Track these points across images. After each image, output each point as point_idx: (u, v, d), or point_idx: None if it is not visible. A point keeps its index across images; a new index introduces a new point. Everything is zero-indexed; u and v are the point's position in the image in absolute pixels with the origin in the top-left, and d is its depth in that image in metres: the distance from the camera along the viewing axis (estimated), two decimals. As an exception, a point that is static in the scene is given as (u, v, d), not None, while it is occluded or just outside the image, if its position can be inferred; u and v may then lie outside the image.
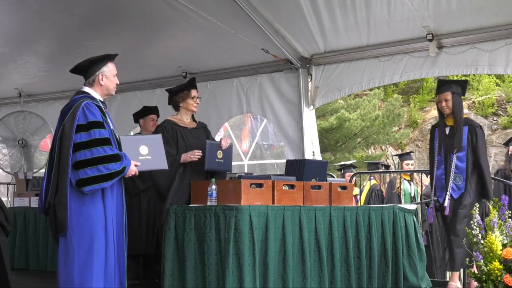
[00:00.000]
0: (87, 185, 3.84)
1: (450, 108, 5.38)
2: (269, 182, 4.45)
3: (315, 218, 4.56)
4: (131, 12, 6.76)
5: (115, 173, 3.93)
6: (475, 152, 5.38)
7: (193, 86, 5.15)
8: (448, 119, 5.46)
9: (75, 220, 3.86)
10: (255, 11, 6.59)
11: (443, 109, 5.41)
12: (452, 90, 5.38)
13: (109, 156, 3.92)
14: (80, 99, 4.04)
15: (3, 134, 8.97)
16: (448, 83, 5.49)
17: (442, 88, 5.43)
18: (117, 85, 4.27)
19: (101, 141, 3.92)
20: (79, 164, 3.87)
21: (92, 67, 4.14)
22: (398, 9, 6.20)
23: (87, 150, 3.88)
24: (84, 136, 3.91)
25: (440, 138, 5.50)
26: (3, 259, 4.38)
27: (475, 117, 24.30)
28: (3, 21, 7.21)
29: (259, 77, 7.72)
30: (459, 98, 5.41)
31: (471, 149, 5.37)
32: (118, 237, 4.04)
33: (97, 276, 3.84)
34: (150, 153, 4.23)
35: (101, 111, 4.06)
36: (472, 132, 5.35)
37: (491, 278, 4.37)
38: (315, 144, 7.52)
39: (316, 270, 4.52)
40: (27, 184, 7.73)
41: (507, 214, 4.53)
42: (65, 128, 3.95)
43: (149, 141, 4.29)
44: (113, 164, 3.92)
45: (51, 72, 8.54)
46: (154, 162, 4.25)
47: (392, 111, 20.90)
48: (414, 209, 5.57)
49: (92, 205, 3.89)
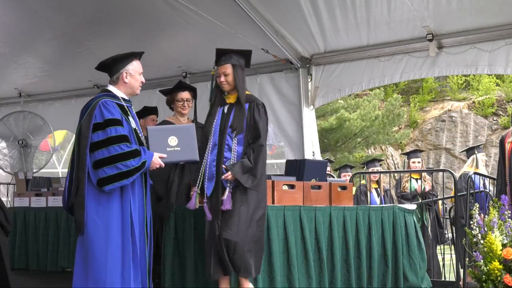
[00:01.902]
0: (107, 184, 3.81)
1: (231, 83, 4.39)
2: (269, 182, 4.44)
3: (315, 218, 4.56)
4: (131, 12, 6.76)
5: (134, 169, 3.86)
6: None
7: (179, 88, 5.17)
8: (229, 96, 4.45)
9: (91, 220, 3.82)
10: (255, 11, 6.59)
11: (222, 84, 4.40)
12: (232, 62, 4.40)
13: (127, 153, 3.86)
14: (98, 98, 3.98)
15: (3, 134, 8.97)
16: (228, 53, 4.43)
17: (221, 60, 4.41)
18: (142, 83, 4.19)
19: (117, 138, 3.87)
20: (98, 163, 3.84)
21: (116, 65, 4.07)
22: (398, 9, 6.20)
23: (104, 149, 3.84)
24: (101, 134, 3.87)
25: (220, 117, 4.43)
26: (3, 259, 4.38)
27: (475, 117, 24.34)
28: (3, 21, 7.21)
29: (259, 77, 7.73)
30: (242, 71, 4.45)
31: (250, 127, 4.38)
32: (140, 237, 3.93)
33: (111, 277, 3.79)
34: (180, 144, 4.07)
35: (122, 109, 4.00)
36: (254, 110, 4.37)
37: (491, 278, 4.37)
38: (315, 144, 7.53)
39: (316, 270, 4.52)
40: (27, 184, 7.73)
41: (507, 214, 4.53)
42: (82, 128, 3.92)
43: (179, 132, 4.13)
44: (131, 161, 3.85)
45: (51, 72, 8.54)
46: (183, 154, 4.09)
47: (392, 111, 20.92)
48: (414, 209, 5.57)
49: (108, 205, 3.84)
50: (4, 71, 8.64)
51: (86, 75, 8.25)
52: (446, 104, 25.54)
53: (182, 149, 4.07)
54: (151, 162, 3.95)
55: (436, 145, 23.60)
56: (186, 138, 4.09)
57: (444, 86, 26.85)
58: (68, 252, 6.61)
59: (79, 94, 9.03)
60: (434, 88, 26.77)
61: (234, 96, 4.37)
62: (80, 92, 8.98)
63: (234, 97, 4.37)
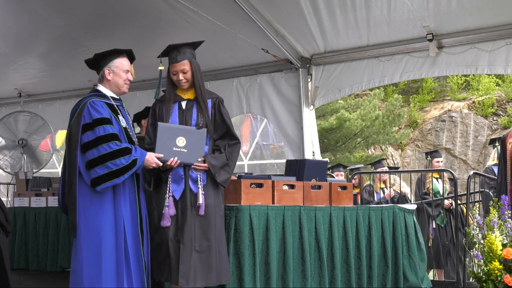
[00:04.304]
0: (99, 184, 3.79)
1: (190, 80, 4.15)
2: (269, 182, 4.45)
3: (315, 218, 4.56)
4: (131, 12, 6.76)
5: (124, 168, 3.82)
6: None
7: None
8: (185, 92, 4.19)
9: (83, 221, 3.82)
10: (255, 11, 6.59)
11: (180, 83, 4.13)
12: (189, 57, 4.17)
13: (115, 151, 3.82)
14: (86, 98, 3.98)
15: (3, 134, 8.97)
16: (182, 48, 4.19)
17: (178, 57, 4.15)
18: (130, 82, 4.11)
19: (106, 137, 3.84)
20: (90, 164, 3.83)
21: (98, 62, 4.05)
22: (398, 9, 6.20)
23: (94, 149, 3.83)
24: (90, 135, 3.86)
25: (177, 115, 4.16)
26: (3, 259, 4.37)
27: (475, 117, 24.34)
28: (3, 22, 7.21)
29: (259, 77, 7.73)
30: (198, 65, 4.24)
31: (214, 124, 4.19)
32: (134, 238, 3.91)
33: (106, 277, 3.78)
34: (187, 146, 3.94)
35: (112, 109, 3.99)
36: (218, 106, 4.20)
37: (491, 278, 4.37)
38: (315, 144, 7.53)
39: (316, 270, 4.52)
40: (27, 184, 7.72)
41: (507, 214, 4.54)
42: (72, 129, 3.91)
43: (190, 133, 3.98)
44: (120, 159, 3.81)
45: (51, 72, 8.54)
46: (188, 156, 3.94)
47: (392, 111, 20.91)
48: (414, 209, 5.57)
49: (100, 205, 3.83)
50: (4, 71, 8.64)
51: (86, 75, 8.19)
52: (446, 104, 25.54)
53: (189, 151, 3.94)
54: (145, 160, 3.89)
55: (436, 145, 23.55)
56: (195, 141, 3.97)
57: (444, 86, 26.84)
58: (68, 252, 6.60)
59: (79, 94, 9.00)
60: (434, 88, 26.77)
61: (191, 92, 4.16)
62: (80, 92, 8.97)
63: (192, 93, 4.15)
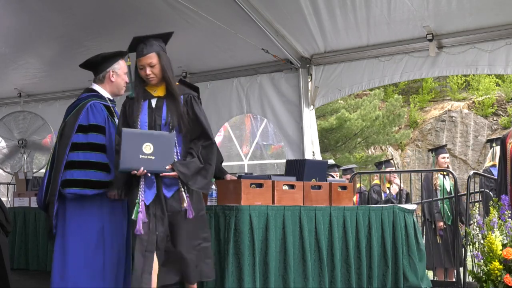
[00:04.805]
0: (70, 187, 3.74)
1: (159, 74, 3.84)
2: (269, 182, 4.45)
3: (315, 218, 4.56)
4: (131, 12, 6.76)
5: (102, 183, 3.73)
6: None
7: None
8: (155, 89, 3.89)
9: (70, 220, 3.78)
10: (255, 11, 6.59)
11: (149, 78, 3.81)
12: (156, 49, 3.86)
13: (100, 164, 3.76)
14: (86, 98, 3.96)
15: (3, 134, 8.96)
16: (148, 40, 3.87)
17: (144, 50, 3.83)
18: (126, 83, 4.08)
19: (96, 146, 3.81)
20: (69, 164, 3.77)
21: (103, 63, 4.03)
22: (398, 9, 6.20)
23: (80, 152, 3.78)
24: (81, 137, 3.82)
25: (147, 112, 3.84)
26: (3, 259, 4.37)
27: (475, 117, 24.35)
28: (3, 22, 7.21)
29: (259, 77, 7.73)
30: (168, 58, 3.93)
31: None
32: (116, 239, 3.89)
33: (85, 277, 3.76)
34: (155, 152, 3.59)
35: (108, 111, 3.96)
36: (191, 103, 3.88)
37: (491, 278, 4.38)
38: (315, 144, 7.53)
39: (316, 270, 4.52)
40: (27, 184, 7.72)
41: (507, 214, 4.54)
42: (66, 127, 3.89)
43: (157, 139, 3.63)
44: (101, 173, 3.74)
45: (51, 72, 8.54)
46: (155, 164, 3.60)
47: (392, 111, 20.93)
48: (414, 209, 5.57)
49: (83, 207, 3.79)
50: (4, 71, 8.64)
51: (86, 75, 8.16)
52: (446, 104, 25.55)
53: (157, 158, 3.60)
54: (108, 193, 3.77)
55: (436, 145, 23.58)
56: (163, 147, 3.64)
57: (444, 86, 26.86)
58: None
59: (79, 94, 9.00)
60: (434, 88, 26.79)
61: (161, 88, 3.85)
62: (80, 92, 8.93)
63: (162, 89, 3.84)
